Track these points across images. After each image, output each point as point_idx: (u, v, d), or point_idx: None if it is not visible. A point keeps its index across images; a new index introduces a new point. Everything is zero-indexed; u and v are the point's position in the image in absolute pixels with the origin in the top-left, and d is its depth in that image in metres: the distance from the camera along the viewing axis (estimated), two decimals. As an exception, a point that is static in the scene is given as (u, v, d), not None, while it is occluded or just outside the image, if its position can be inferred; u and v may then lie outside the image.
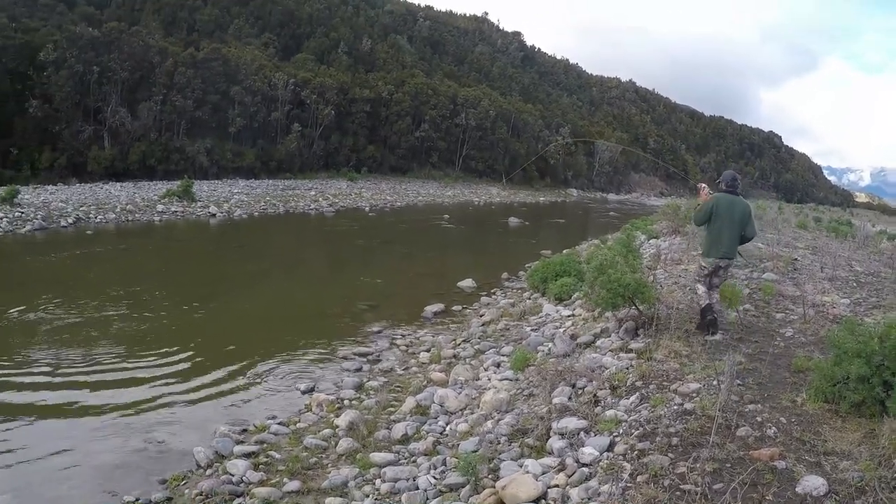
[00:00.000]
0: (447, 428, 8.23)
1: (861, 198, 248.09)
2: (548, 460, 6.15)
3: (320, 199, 50.60)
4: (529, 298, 16.14)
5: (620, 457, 5.72)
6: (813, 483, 4.83)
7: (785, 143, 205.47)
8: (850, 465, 5.12)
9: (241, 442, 8.16)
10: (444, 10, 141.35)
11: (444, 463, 6.96)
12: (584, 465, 5.82)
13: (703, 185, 9.94)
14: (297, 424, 8.80)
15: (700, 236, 13.62)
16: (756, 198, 77.43)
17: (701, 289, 9.10)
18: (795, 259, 15.98)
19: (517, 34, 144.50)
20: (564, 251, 22.47)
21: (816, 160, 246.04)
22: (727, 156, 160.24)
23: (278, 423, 8.78)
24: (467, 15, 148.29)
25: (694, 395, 6.67)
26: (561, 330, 11.71)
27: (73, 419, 8.98)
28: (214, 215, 37.36)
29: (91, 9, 68.28)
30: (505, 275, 21.05)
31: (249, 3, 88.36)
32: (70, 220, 30.31)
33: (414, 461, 7.30)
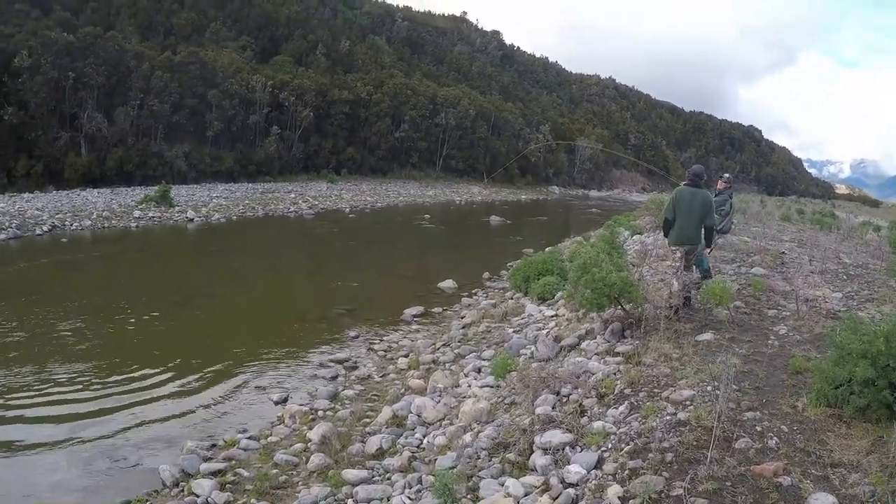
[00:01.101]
0: (424, 441, 7.79)
1: (842, 189, 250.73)
2: (531, 479, 5.66)
3: (300, 201, 50.04)
4: (511, 298, 15.76)
5: (610, 476, 5.23)
6: (822, 501, 4.45)
7: (765, 137, 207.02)
8: (860, 477, 4.74)
9: (209, 459, 7.73)
10: (422, 10, 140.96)
11: (419, 481, 6.50)
12: (571, 485, 5.35)
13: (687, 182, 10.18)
14: (269, 438, 8.39)
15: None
16: (737, 191, 77.47)
17: (676, 285, 9.57)
18: (783, 252, 15.64)
19: (496, 33, 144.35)
20: (547, 249, 22.09)
21: (797, 153, 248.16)
22: (708, 151, 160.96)
23: (248, 438, 8.35)
24: (446, 15, 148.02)
25: (687, 403, 6.20)
26: (544, 332, 11.25)
27: (32, 436, 8.50)
28: (192, 220, 36.71)
29: (66, 14, 67.05)
30: (486, 275, 20.67)
31: (226, 6, 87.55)
32: (45, 228, 29.65)
33: (388, 478, 6.87)
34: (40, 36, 54.66)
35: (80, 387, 10.18)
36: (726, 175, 12.74)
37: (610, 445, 5.75)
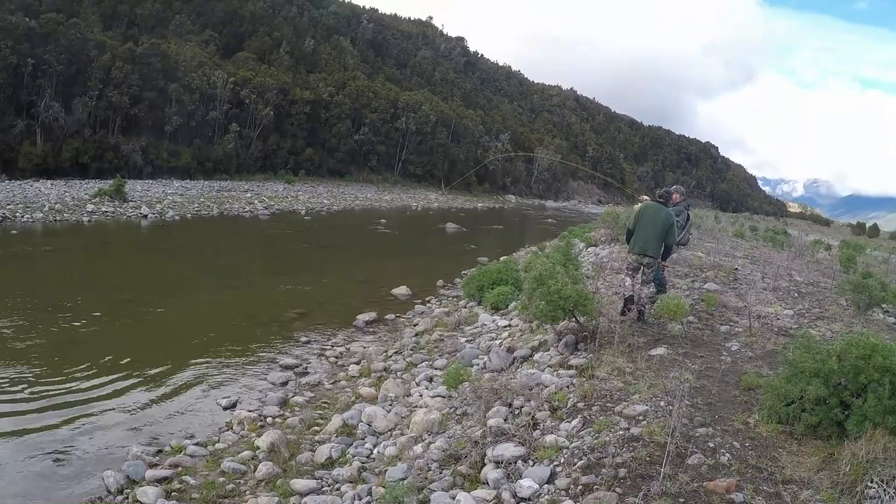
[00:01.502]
0: (375, 451, 7.64)
1: (794, 208, 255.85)
2: (482, 492, 5.56)
3: (256, 201, 49.50)
4: (465, 307, 15.68)
5: (563, 491, 5.18)
6: (774, 520, 4.38)
7: (722, 153, 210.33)
8: (812, 494, 4.76)
9: (155, 465, 7.49)
10: (388, 12, 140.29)
11: (369, 493, 6.35)
12: (523, 499, 5.28)
13: (646, 196, 11.36)
14: (216, 445, 8.16)
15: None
16: (692, 207, 78.40)
17: (628, 281, 10.24)
18: (736, 269, 15.79)
19: (461, 39, 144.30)
20: (502, 258, 22.12)
21: (752, 171, 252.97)
22: (665, 165, 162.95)
23: (196, 444, 8.10)
24: (412, 19, 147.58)
25: (640, 418, 6.17)
26: (497, 342, 11.19)
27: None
28: (146, 216, 36.07)
29: (29, -1, 65.69)
30: (440, 282, 20.58)
31: (192, 0, 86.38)
32: (-5, 219, 28.86)
33: (338, 489, 6.71)
34: (1, 20, 53.29)
35: (22, 388, 9.78)
36: (680, 188, 12.89)
37: (563, 460, 5.69)
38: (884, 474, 4.62)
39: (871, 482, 4.58)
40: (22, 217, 30.23)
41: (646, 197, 11.85)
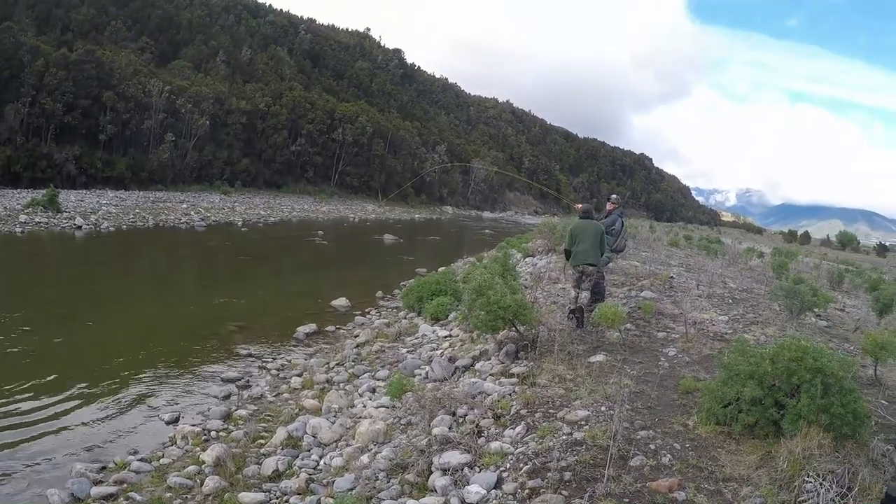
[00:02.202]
0: (321, 462, 7.59)
1: (727, 217, 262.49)
2: (430, 500, 5.58)
3: (192, 212, 48.73)
4: (405, 318, 15.72)
5: (510, 496, 5.23)
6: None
7: (656, 165, 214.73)
8: (751, 490, 4.92)
9: (100, 482, 7.29)
10: (326, 23, 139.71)
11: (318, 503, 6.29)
12: (470, 505, 5.30)
13: (581, 206, 11.93)
14: (161, 460, 7.98)
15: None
16: (627, 216, 79.63)
17: (573, 292, 10.82)
18: (671, 277, 16.14)
19: (398, 51, 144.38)
20: (440, 269, 22.17)
21: (685, 182, 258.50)
22: (600, 176, 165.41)
23: (140, 460, 7.92)
24: (349, 30, 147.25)
25: (583, 423, 6.28)
26: (438, 352, 11.25)
27: None
28: (80, 227, 35.12)
29: (-40, 2, 63.67)
30: (380, 293, 20.54)
31: (128, 5, 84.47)
32: (-79, 229, 27.88)
33: (286, 501, 6.68)
34: (-70, 22, 51.66)
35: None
36: (614, 196, 13.21)
37: (508, 465, 5.75)
38: (819, 469, 4.80)
39: (808, 477, 4.74)
40: (-50, 228, 29.25)
41: (579, 206, 12.23)
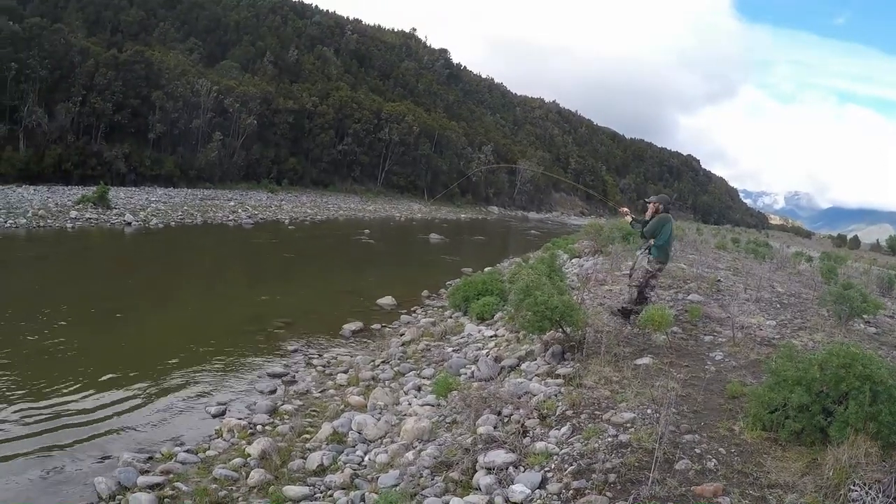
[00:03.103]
0: (366, 458, 7.66)
1: (775, 220, 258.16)
2: (474, 498, 5.65)
3: (239, 210, 49.42)
4: (451, 317, 15.74)
5: (554, 496, 5.28)
6: (760, 523, 4.51)
7: (703, 166, 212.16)
8: (796, 498, 4.88)
9: (146, 472, 7.43)
10: (372, 24, 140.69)
11: (362, 499, 6.38)
12: (515, 504, 5.37)
13: (626, 209, 12.01)
14: (207, 452, 8.12)
15: (621, 254, 13.53)
16: (675, 219, 78.80)
17: (634, 291, 10.75)
18: (719, 280, 15.99)
19: (444, 51, 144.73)
20: (486, 269, 22.18)
21: (733, 184, 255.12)
22: (646, 178, 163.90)
23: (186, 451, 8.08)
24: (395, 30, 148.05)
25: (628, 425, 6.29)
26: (484, 352, 11.28)
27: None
28: (130, 224, 35.92)
29: (13, 3, 65.16)
30: (426, 292, 20.62)
31: (176, 7, 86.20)
32: (-22, 225, 28.74)
33: (330, 496, 6.72)
34: (-16, 24, 53.11)
35: (7, 397, 9.70)
36: (655, 196, 12.78)
37: (553, 466, 5.79)
38: (866, 478, 4.77)
39: (854, 485, 4.71)
40: (5, 223, 30.07)
41: (626, 209, 12.09)
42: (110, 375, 10.95)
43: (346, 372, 11.72)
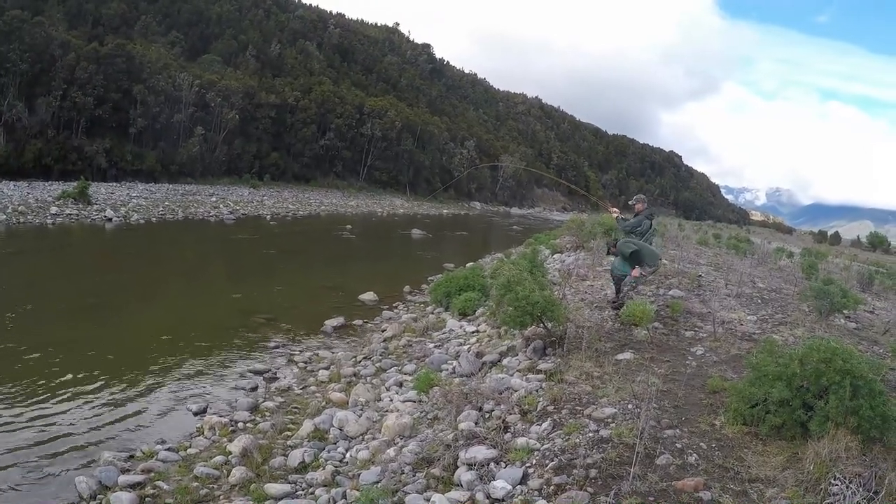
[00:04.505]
0: (347, 455, 7.65)
1: (757, 216, 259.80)
2: (456, 494, 5.64)
3: (221, 205, 49.23)
4: (432, 313, 15.75)
5: (535, 492, 5.28)
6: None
7: (685, 162, 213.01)
8: (777, 492, 4.91)
9: (127, 471, 7.39)
10: (355, 18, 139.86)
11: (344, 496, 6.36)
12: (496, 500, 5.37)
13: (614, 208, 12.53)
14: (188, 450, 8.10)
15: (603, 250, 13.57)
16: (656, 214, 79.17)
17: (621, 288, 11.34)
18: (700, 276, 16.04)
19: (427, 46, 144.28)
20: (468, 265, 22.18)
21: (715, 180, 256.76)
22: (629, 173, 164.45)
23: (167, 449, 8.05)
24: (378, 25, 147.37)
25: (609, 420, 6.29)
26: (465, 347, 11.29)
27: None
28: (111, 220, 35.69)
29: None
30: (407, 288, 20.62)
31: (158, 0, 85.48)
32: (-44, 220, 28.45)
33: (312, 493, 6.71)
34: (-36, 17, 52.40)
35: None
36: (640, 195, 12.88)
37: (534, 461, 5.78)
38: (846, 472, 4.78)
39: (835, 479, 4.73)
40: (-16, 219, 29.78)
41: (615, 210, 12.21)
42: (90, 373, 10.85)
43: (327, 368, 11.70)
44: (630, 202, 12.29)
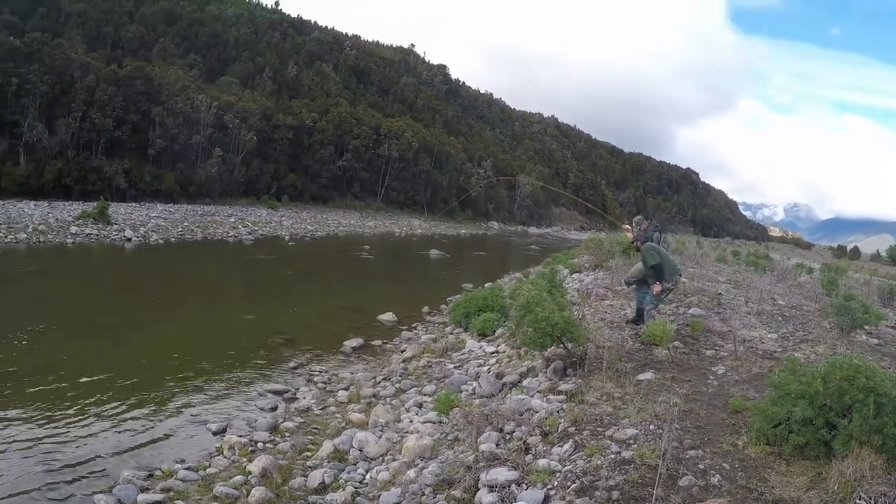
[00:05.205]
0: (367, 476, 7.63)
1: (775, 232, 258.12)
2: (477, 516, 5.62)
3: (239, 226, 49.55)
4: (452, 334, 15.73)
5: (558, 515, 5.25)
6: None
7: (702, 179, 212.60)
8: (801, 513, 4.81)
9: (147, 489, 7.41)
10: (370, 40, 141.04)
11: (364, 517, 6.35)
12: (518, 522, 5.33)
13: (627, 226, 12.33)
14: (208, 469, 8.08)
15: (622, 269, 13.55)
16: (674, 232, 79.14)
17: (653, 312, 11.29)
18: (719, 294, 15.95)
19: (442, 67, 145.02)
20: (487, 285, 22.15)
21: (732, 196, 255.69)
22: (646, 191, 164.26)
23: (186, 468, 8.03)
24: (394, 46, 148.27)
25: (631, 441, 6.25)
26: (485, 368, 11.27)
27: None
28: (130, 240, 36.09)
29: (14, 18, 65.52)
30: (426, 308, 20.60)
31: (176, 23, 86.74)
32: (-23, 239, 28.82)
33: (332, 514, 6.69)
34: (-16, 38, 53.38)
35: (8, 413, 9.65)
36: (638, 217, 12.89)
37: (556, 483, 5.74)
38: (871, 491, 4.73)
39: (860, 499, 4.68)
40: (5, 238, 30.24)
41: (628, 226, 12.23)
42: (109, 392, 10.91)
43: (347, 389, 11.70)
44: (633, 225, 12.33)
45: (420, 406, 10.05)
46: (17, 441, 8.68)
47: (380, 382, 12.00)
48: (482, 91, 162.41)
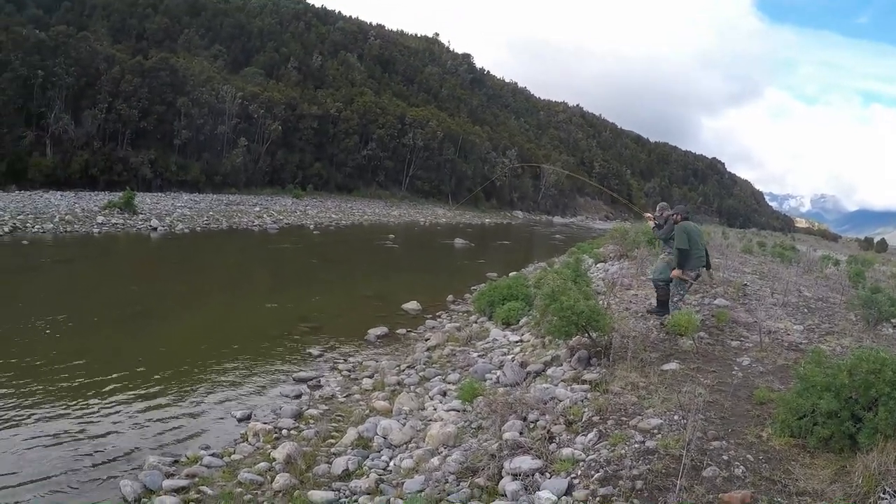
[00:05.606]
0: (391, 463, 7.68)
1: (801, 223, 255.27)
2: (500, 504, 5.65)
3: (265, 215, 49.84)
4: (476, 322, 15.74)
5: (581, 503, 5.27)
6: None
7: (728, 169, 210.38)
8: (825, 506, 4.81)
9: (172, 475, 7.50)
10: (395, 29, 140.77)
11: (388, 504, 6.40)
12: (541, 511, 5.36)
13: (649, 214, 12.57)
14: (232, 456, 8.18)
15: (648, 258, 13.51)
16: (699, 222, 78.25)
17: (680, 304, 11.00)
18: (745, 284, 15.84)
19: (467, 56, 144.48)
20: (511, 274, 22.13)
21: (758, 186, 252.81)
22: (671, 181, 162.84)
23: (211, 455, 8.13)
24: (418, 35, 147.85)
25: (655, 431, 6.26)
26: (509, 357, 11.29)
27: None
28: (156, 229, 36.43)
29: (39, 11, 66.35)
30: (450, 297, 20.62)
31: (200, 14, 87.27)
32: (6, 229, 29.37)
33: (356, 501, 6.72)
34: (11, 32, 53.96)
35: (33, 400, 9.82)
36: (663, 203, 12.78)
37: (579, 472, 5.77)
38: (896, 485, 4.72)
39: (884, 493, 4.67)
40: (32, 228, 30.63)
41: (649, 215, 12.19)
42: (135, 379, 11.07)
43: (371, 377, 11.75)
44: (656, 213, 12.24)
45: (444, 394, 10.10)
46: (45, 427, 8.84)
47: (404, 370, 12.05)
48: (507, 80, 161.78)
